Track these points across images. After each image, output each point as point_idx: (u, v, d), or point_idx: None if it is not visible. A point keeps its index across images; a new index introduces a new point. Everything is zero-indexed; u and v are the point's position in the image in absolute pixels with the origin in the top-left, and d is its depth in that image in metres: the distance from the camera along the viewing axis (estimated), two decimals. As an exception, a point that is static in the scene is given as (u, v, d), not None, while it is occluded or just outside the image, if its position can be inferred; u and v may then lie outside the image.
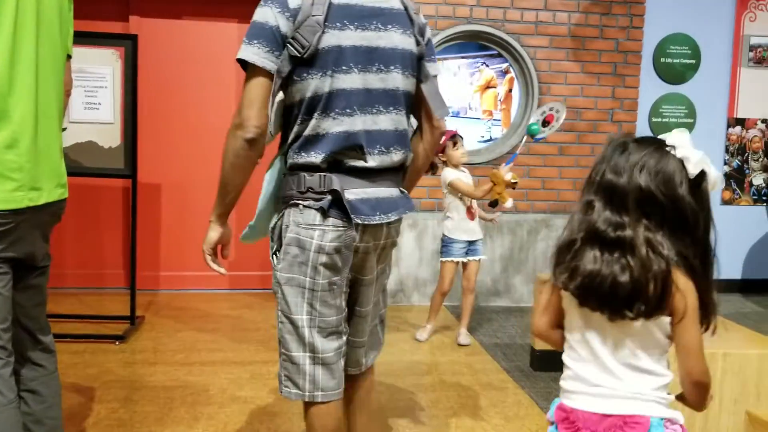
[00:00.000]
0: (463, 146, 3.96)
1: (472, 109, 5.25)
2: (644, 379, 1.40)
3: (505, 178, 3.50)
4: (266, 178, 1.95)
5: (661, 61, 5.33)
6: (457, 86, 5.19)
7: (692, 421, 2.45)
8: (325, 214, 1.80)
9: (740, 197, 5.59)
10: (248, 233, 2.02)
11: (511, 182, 3.50)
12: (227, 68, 4.94)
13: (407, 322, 4.47)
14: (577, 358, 1.46)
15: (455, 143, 3.92)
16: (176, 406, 3.01)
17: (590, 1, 5.07)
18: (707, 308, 1.37)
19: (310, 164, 1.82)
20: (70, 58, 2.06)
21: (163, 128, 5.02)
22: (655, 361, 1.40)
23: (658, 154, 1.37)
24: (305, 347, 1.85)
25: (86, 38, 3.77)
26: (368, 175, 1.86)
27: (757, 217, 5.61)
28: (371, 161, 1.85)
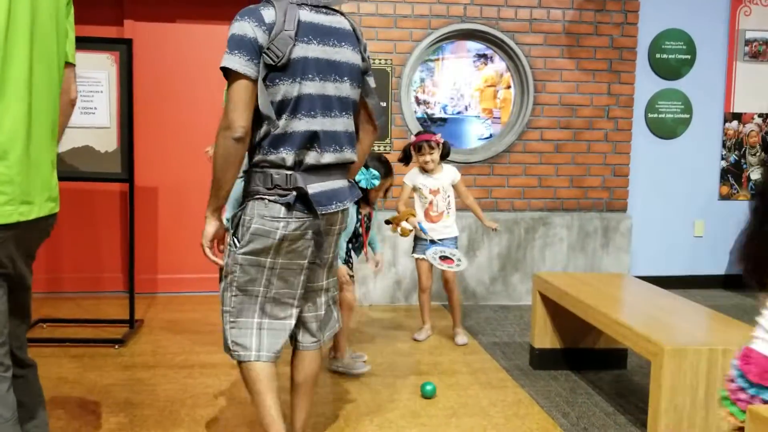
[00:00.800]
0: (431, 154, 3.89)
1: (471, 108, 5.26)
2: None
3: (403, 223, 3.82)
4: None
5: (656, 56, 5.33)
6: (457, 86, 5.19)
7: (693, 419, 2.46)
8: (290, 207, 2.12)
9: (738, 192, 5.59)
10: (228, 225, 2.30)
11: (405, 228, 3.82)
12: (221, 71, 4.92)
13: (406, 322, 4.47)
14: None
15: (420, 148, 3.92)
16: (176, 409, 3.01)
17: (584, -2, 5.07)
18: None
19: (279, 161, 2.10)
20: (72, 65, 1.97)
21: (159, 132, 5.02)
22: None
23: None
24: (257, 314, 2.23)
25: (81, 43, 3.64)
26: (324, 170, 2.19)
27: (754, 211, 5.61)
28: (327, 158, 2.16)
